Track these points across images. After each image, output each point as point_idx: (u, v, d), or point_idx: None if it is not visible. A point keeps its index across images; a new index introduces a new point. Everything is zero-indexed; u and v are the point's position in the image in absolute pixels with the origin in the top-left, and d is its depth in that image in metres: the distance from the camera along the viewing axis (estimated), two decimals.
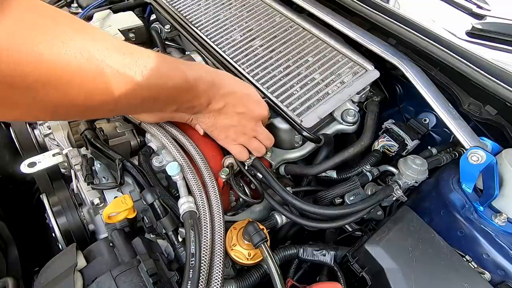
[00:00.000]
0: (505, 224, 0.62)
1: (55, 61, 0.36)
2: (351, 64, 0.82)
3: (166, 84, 0.51)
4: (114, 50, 0.43)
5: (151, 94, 0.49)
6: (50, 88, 0.37)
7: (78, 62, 0.38)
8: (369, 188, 0.76)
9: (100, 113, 0.49)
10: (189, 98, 0.58)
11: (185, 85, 0.55)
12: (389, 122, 0.84)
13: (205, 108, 0.62)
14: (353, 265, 0.66)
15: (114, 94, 0.43)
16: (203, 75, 0.58)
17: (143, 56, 0.47)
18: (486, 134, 0.77)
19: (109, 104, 0.44)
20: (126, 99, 0.45)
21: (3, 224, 0.84)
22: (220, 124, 0.66)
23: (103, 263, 0.58)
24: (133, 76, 0.45)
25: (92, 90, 0.41)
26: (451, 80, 0.80)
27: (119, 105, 0.46)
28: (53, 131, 0.84)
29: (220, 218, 0.64)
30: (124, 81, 0.44)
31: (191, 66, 0.58)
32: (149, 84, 0.47)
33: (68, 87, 0.38)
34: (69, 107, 0.41)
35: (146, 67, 0.47)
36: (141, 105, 0.51)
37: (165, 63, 0.50)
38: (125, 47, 0.46)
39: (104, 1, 1.11)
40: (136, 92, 0.46)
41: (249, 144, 0.70)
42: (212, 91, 0.60)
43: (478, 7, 0.96)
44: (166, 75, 0.50)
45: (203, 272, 0.56)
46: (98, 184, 0.72)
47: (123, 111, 0.52)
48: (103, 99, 0.43)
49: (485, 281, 0.61)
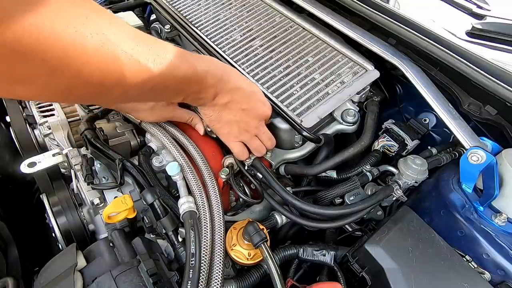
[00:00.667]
0: (505, 224, 0.62)
1: (71, 39, 0.37)
2: (351, 64, 0.82)
3: (176, 73, 0.52)
4: (129, 36, 0.44)
5: (161, 82, 0.50)
6: (65, 66, 0.38)
7: (94, 43, 0.39)
8: (369, 188, 0.76)
9: (111, 97, 0.49)
10: (196, 90, 0.59)
11: (194, 77, 0.56)
12: (389, 122, 0.84)
13: (211, 101, 0.63)
14: (353, 265, 0.66)
15: (126, 78, 0.44)
16: (212, 69, 0.59)
17: (156, 45, 0.49)
18: (486, 134, 0.77)
19: (121, 87, 0.45)
20: (137, 85, 0.47)
21: (3, 224, 0.84)
22: (224, 118, 0.66)
23: (103, 263, 0.58)
24: (146, 63, 0.46)
25: (106, 73, 0.42)
26: (451, 80, 0.80)
27: (130, 91, 0.47)
28: (53, 131, 0.84)
29: (220, 218, 0.64)
30: (137, 67, 0.45)
31: (201, 58, 0.59)
32: (160, 73, 0.49)
33: (83, 67, 0.39)
34: (82, 88, 0.42)
35: (159, 56, 0.48)
36: (150, 92, 0.52)
37: (176, 53, 0.52)
38: (139, 35, 0.47)
39: (104, 1, 1.11)
40: (147, 79, 0.47)
41: (250, 143, 0.70)
42: (220, 85, 0.61)
43: (478, 7, 0.96)
44: (176, 65, 0.52)
45: (203, 272, 0.56)
46: (98, 184, 0.72)
47: (132, 97, 0.53)
48: (116, 82, 0.44)
49: (485, 281, 0.61)
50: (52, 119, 0.86)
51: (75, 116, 0.89)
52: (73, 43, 0.37)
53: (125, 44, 0.43)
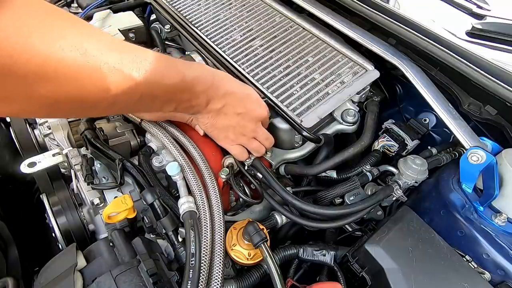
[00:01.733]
0: (505, 224, 0.62)
1: (49, 54, 0.36)
2: (351, 64, 0.82)
3: (163, 81, 0.51)
4: (111, 47, 0.44)
5: (148, 92, 0.50)
6: (45, 82, 0.37)
7: (73, 57, 0.38)
8: (369, 188, 0.76)
9: (99, 110, 0.48)
10: (187, 98, 0.58)
11: (182, 84, 0.55)
12: (389, 122, 0.84)
13: (204, 108, 0.62)
14: (353, 265, 0.66)
15: (111, 90, 0.43)
16: (202, 75, 0.59)
17: (140, 54, 0.48)
18: (486, 134, 0.77)
19: (107, 100, 0.44)
20: (123, 96, 0.46)
21: (3, 224, 0.84)
22: (220, 124, 0.66)
23: (103, 263, 0.58)
24: (130, 72, 0.45)
25: (88, 86, 0.41)
26: (451, 80, 0.80)
27: (117, 102, 0.47)
28: (53, 131, 0.84)
29: (220, 218, 0.64)
30: (122, 77, 0.44)
31: (190, 65, 0.58)
32: (146, 81, 0.48)
33: (64, 81, 0.38)
34: (66, 103, 0.41)
35: (143, 64, 0.47)
36: (139, 102, 0.51)
37: (162, 61, 0.51)
38: (122, 45, 0.46)
39: (104, 1, 1.11)
40: (133, 88, 0.46)
41: (249, 145, 0.70)
42: (211, 91, 0.60)
43: (478, 7, 0.96)
44: (163, 73, 0.51)
45: (203, 272, 0.56)
46: (98, 184, 0.72)
47: (122, 108, 0.52)
48: (100, 95, 0.43)
49: (485, 281, 0.61)
50: (52, 119, 0.86)
51: None
52: (50, 58, 0.36)
53: (106, 55, 0.42)
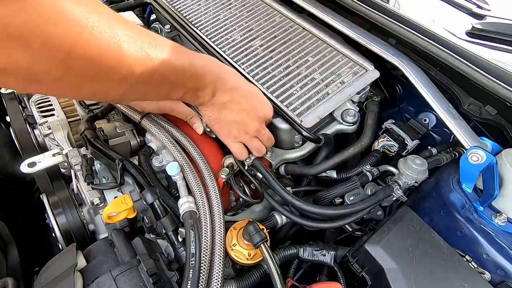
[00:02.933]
0: (505, 224, 0.62)
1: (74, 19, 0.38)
2: (351, 64, 0.82)
3: (173, 63, 0.53)
4: (130, 27, 0.47)
5: (160, 72, 0.51)
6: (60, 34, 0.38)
7: (93, 27, 0.41)
8: (369, 188, 0.76)
9: (110, 81, 0.48)
10: (194, 85, 0.59)
11: (192, 69, 0.57)
12: (389, 122, 0.83)
13: (210, 99, 0.63)
14: (353, 265, 0.66)
15: (126, 59, 0.45)
16: (210, 66, 0.60)
17: (155, 37, 0.51)
18: (486, 134, 0.77)
19: (121, 70, 0.46)
20: (137, 69, 0.47)
21: (3, 224, 0.84)
22: (224, 118, 0.66)
23: (103, 263, 0.58)
24: (146, 50, 0.48)
25: (104, 51, 0.43)
26: (451, 80, 0.80)
27: (129, 77, 0.48)
28: (53, 131, 0.84)
29: (220, 218, 0.64)
30: (135, 50, 0.46)
31: (199, 55, 0.60)
32: (159, 61, 0.50)
33: (80, 39, 0.40)
34: (80, 61, 0.42)
35: (158, 45, 0.50)
36: (150, 82, 0.52)
37: (172, 46, 0.54)
38: (140, 28, 0.49)
39: (104, 1, 1.11)
40: (147, 65, 0.48)
41: (250, 143, 0.70)
42: (218, 83, 0.61)
43: (478, 7, 0.96)
44: (175, 56, 0.53)
45: (203, 272, 0.56)
46: (98, 184, 0.72)
47: (134, 87, 0.51)
48: (115, 63, 0.45)
49: (485, 281, 0.61)
50: (52, 119, 0.86)
51: (75, 116, 0.89)
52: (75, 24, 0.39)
53: (126, 31, 0.45)
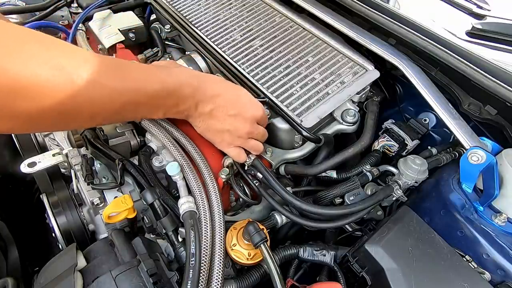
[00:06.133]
0: (505, 224, 0.62)
1: (19, 72, 0.37)
2: (351, 64, 0.82)
3: (143, 88, 0.52)
4: (84, 61, 0.45)
5: (129, 99, 0.50)
6: (21, 99, 0.38)
7: (46, 74, 0.39)
8: (369, 188, 0.76)
9: (81, 121, 0.49)
10: (173, 103, 0.59)
11: (164, 91, 0.56)
12: (389, 122, 0.84)
13: (195, 111, 0.63)
14: (353, 265, 0.66)
15: (89, 101, 0.44)
16: (186, 80, 0.59)
17: (118, 65, 0.49)
18: (486, 134, 0.77)
19: (87, 111, 0.45)
20: (104, 105, 0.47)
21: (3, 224, 0.84)
22: (213, 128, 0.66)
23: (103, 263, 0.58)
24: (106, 82, 0.46)
25: (64, 99, 0.42)
26: (451, 80, 0.80)
27: (98, 113, 0.47)
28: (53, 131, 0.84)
29: (220, 218, 0.64)
30: (98, 88, 0.45)
31: (172, 71, 0.59)
32: (124, 89, 0.49)
33: (38, 97, 0.40)
34: (44, 117, 0.42)
35: (119, 73, 0.49)
36: (123, 110, 0.52)
37: (139, 69, 0.52)
38: (94, 57, 0.47)
39: (104, 1, 1.11)
40: (113, 97, 0.47)
41: (246, 145, 0.70)
42: (198, 94, 0.61)
43: (478, 7, 0.96)
44: (141, 80, 0.52)
45: (203, 272, 0.56)
46: (98, 184, 0.72)
47: (106, 118, 0.52)
48: (78, 107, 0.44)
49: (485, 281, 0.61)
50: None
51: None
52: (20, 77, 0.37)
53: (80, 69, 0.43)
